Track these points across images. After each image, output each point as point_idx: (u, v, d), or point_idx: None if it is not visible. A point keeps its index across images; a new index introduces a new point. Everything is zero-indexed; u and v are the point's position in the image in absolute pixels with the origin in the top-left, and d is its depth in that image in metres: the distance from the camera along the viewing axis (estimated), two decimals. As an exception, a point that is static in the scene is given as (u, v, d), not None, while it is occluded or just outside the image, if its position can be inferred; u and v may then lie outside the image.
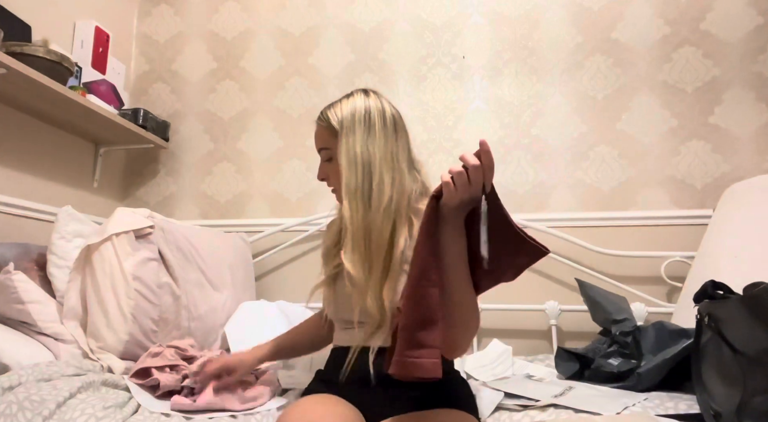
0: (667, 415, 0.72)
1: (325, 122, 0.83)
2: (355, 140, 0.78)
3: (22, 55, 1.21)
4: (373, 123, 0.80)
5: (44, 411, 0.76)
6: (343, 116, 0.81)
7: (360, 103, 0.81)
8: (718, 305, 0.67)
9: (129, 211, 1.22)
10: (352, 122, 0.80)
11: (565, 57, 1.64)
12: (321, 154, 0.85)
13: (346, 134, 0.80)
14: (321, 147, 0.85)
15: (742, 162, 1.48)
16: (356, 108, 0.81)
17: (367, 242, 0.74)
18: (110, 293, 1.09)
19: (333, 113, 0.83)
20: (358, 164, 0.77)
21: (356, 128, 0.79)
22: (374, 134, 0.79)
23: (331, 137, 0.82)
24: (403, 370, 0.57)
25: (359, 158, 0.77)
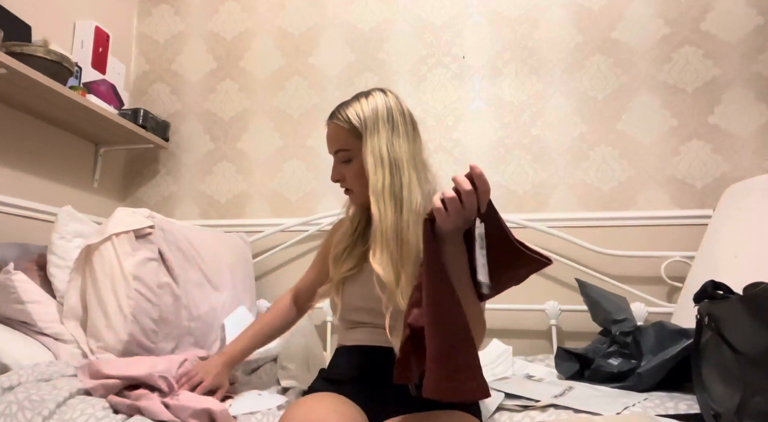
0: (667, 415, 0.72)
1: (345, 122, 0.80)
2: (381, 139, 0.76)
3: (22, 55, 1.21)
4: (397, 122, 0.78)
5: (44, 411, 0.76)
6: (365, 116, 0.78)
7: (381, 102, 0.79)
8: (718, 306, 0.67)
9: (129, 211, 1.22)
10: (375, 121, 0.78)
11: (565, 57, 1.64)
12: (338, 155, 0.82)
13: (370, 133, 0.77)
14: (339, 148, 0.81)
15: (742, 162, 1.48)
16: (378, 107, 0.79)
17: (398, 244, 0.71)
18: (110, 293, 1.09)
19: (353, 112, 0.79)
20: (385, 163, 0.75)
21: (381, 128, 0.77)
22: (398, 134, 0.77)
23: (351, 138, 0.79)
24: (450, 395, 0.54)
25: (387, 158, 0.75)
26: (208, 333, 1.26)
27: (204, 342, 1.25)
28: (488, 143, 1.65)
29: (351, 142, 0.79)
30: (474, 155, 1.66)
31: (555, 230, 1.53)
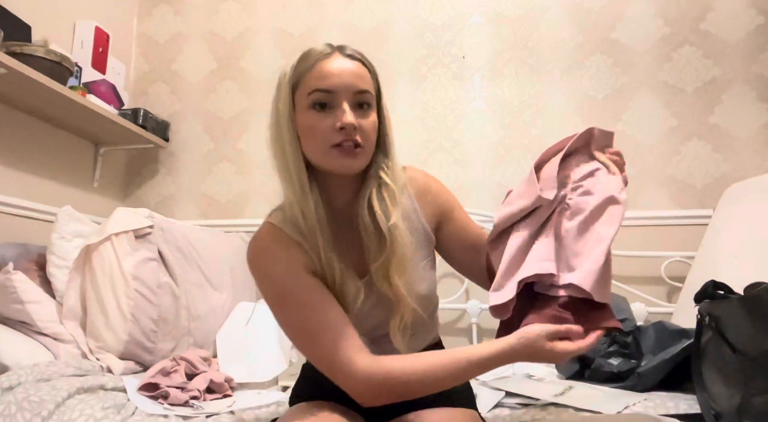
0: (667, 415, 0.72)
1: (368, 63, 0.66)
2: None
3: (22, 55, 1.21)
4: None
5: (43, 412, 0.75)
6: (372, 65, 0.67)
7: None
8: (718, 306, 0.67)
9: (128, 211, 1.22)
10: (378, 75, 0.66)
11: (565, 57, 1.63)
12: (357, 97, 0.62)
13: (380, 86, 0.66)
14: (364, 89, 0.63)
15: (742, 162, 1.48)
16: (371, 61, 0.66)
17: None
18: (110, 293, 1.09)
19: (363, 56, 0.66)
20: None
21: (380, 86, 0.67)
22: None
23: (373, 84, 0.66)
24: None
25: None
26: (208, 333, 1.26)
27: (204, 342, 1.25)
28: (488, 143, 1.65)
29: (373, 88, 0.65)
30: (474, 154, 1.66)
31: (555, 230, 1.53)
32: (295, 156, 0.62)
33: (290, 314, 0.61)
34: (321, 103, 0.61)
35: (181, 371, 0.99)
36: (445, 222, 0.71)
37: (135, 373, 1.07)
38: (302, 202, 0.62)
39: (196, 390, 0.94)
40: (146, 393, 0.93)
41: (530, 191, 0.61)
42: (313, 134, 0.61)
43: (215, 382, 1.00)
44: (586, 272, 0.55)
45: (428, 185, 0.71)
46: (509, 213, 0.62)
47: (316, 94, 0.61)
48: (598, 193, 0.58)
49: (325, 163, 0.62)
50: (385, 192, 0.64)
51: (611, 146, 0.64)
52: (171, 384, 0.94)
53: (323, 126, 0.61)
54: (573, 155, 0.63)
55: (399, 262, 0.61)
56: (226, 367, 1.11)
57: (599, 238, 0.57)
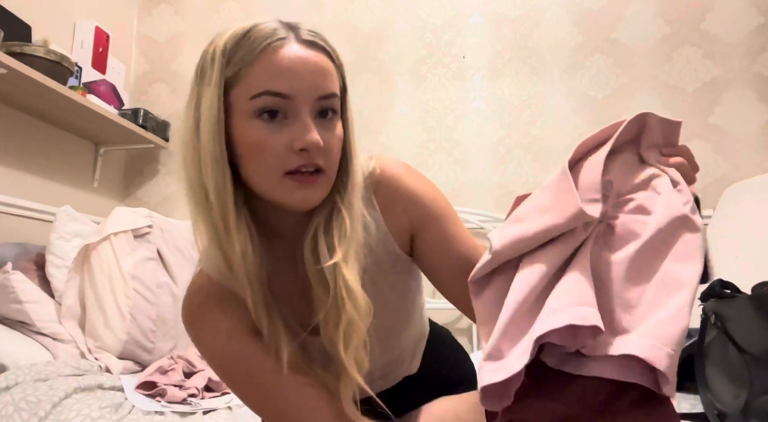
0: (669, 415, 0.72)
1: (333, 54, 0.48)
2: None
3: (22, 55, 1.21)
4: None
5: (40, 412, 0.75)
6: (335, 50, 0.49)
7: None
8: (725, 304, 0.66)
9: (127, 210, 1.22)
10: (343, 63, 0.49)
11: (565, 57, 1.63)
12: (321, 102, 0.46)
13: (345, 77, 0.49)
14: (329, 92, 0.46)
15: (742, 162, 1.47)
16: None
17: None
18: (108, 292, 1.08)
19: (325, 39, 0.49)
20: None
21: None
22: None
23: (338, 77, 0.49)
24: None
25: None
26: (208, 333, 1.26)
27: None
28: (488, 143, 1.65)
29: (339, 87, 0.49)
30: (474, 155, 1.66)
31: (555, 230, 1.52)
32: (220, 183, 0.44)
33: (246, 394, 0.50)
34: (271, 111, 0.44)
35: (179, 369, 0.99)
36: (419, 236, 0.52)
37: (134, 373, 1.06)
38: (226, 245, 0.45)
39: (194, 388, 0.94)
40: (144, 392, 0.92)
41: (563, 203, 0.38)
42: (259, 154, 0.44)
43: (213, 380, 0.99)
44: (655, 337, 0.33)
45: (398, 190, 0.52)
46: (519, 236, 0.39)
47: (264, 99, 0.44)
48: (660, 211, 0.37)
49: (275, 194, 0.46)
50: (335, 224, 0.47)
51: (675, 142, 0.42)
52: (168, 382, 0.93)
53: (275, 144, 0.44)
54: (617, 153, 0.42)
55: (348, 322, 0.45)
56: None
57: (675, 281, 0.35)
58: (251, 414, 0.82)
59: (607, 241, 0.38)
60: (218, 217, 0.45)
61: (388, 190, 0.52)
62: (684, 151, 0.42)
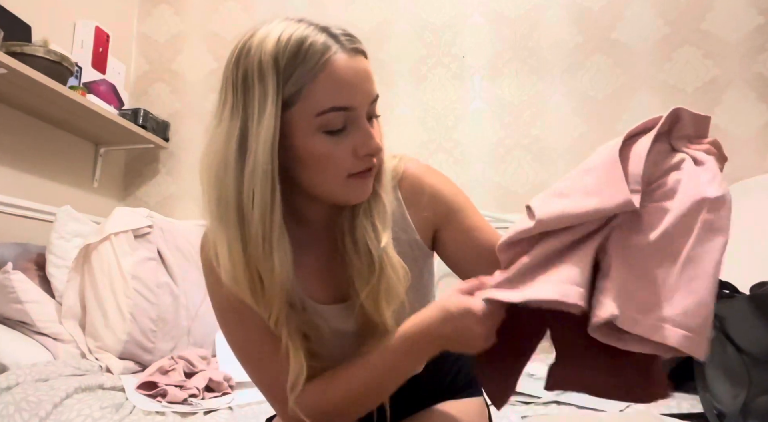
0: (669, 414, 0.72)
1: (366, 52, 0.50)
2: None
3: (22, 55, 1.21)
4: None
5: (41, 412, 0.75)
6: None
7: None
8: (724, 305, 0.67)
9: (128, 210, 1.22)
10: None
11: (565, 57, 1.64)
12: (372, 107, 0.49)
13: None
14: (376, 95, 0.50)
15: (742, 162, 1.47)
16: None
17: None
18: (109, 292, 1.08)
19: (361, 42, 0.51)
20: None
21: None
22: None
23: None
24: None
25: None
26: (207, 333, 1.26)
27: (203, 342, 1.25)
28: (488, 143, 1.65)
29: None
30: (474, 155, 1.66)
31: (555, 230, 1.53)
32: (267, 201, 0.44)
33: (232, 333, 0.53)
34: (338, 127, 0.46)
35: (180, 369, 0.99)
36: (444, 228, 0.56)
37: (134, 373, 1.06)
38: (261, 264, 0.45)
39: (194, 388, 0.94)
40: (144, 392, 0.92)
41: (613, 189, 0.40)
42: (325, 164, 0.46)
43: (214, 380, 0.99)
44: (684, 325, 0.37)
45: (422, 185, 0.55)
46: (564, 211, 0.41)
47: (332, 115, 0.45)
48: (682, 196, 0.40)
49: (336, 194, 0.48)
50: (376, 210, 0.51)
51: (706, 134, 0.45)
52: (169, 383, 0.94)
53: (340, 154, 0.46)
54: (653, 144, 0.44)
55: (388, 289, 0.50)
56: (225, 366, 1.11)
57: (697, 264, 0.39)
58: (252, 415, 0.82)
59: (633, 227, 0.41)
60: (258, 235, 0.45)
61: (411, 185, 0.56)
62: (713, 141, 0.45)
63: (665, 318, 0.38)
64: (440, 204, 0.55)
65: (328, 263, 0.53)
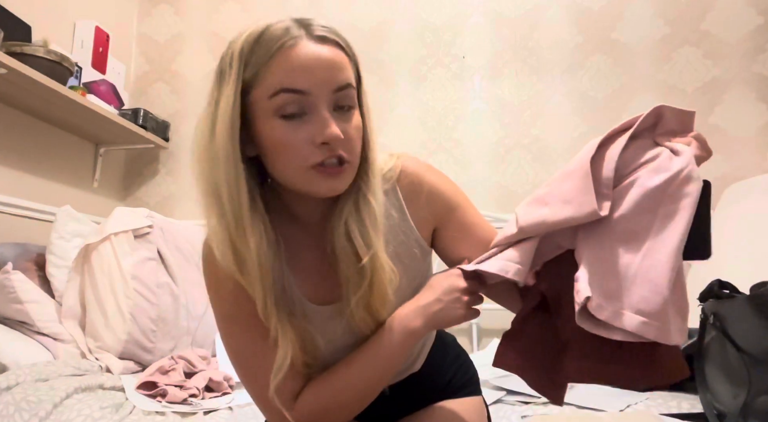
0: (669, 414, 0.72)
1: (347, 47, 0.50)
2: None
3: (22, 55, 1.21)
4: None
5: (41, 412, 0.75)
6: (347, 42, 0.50)
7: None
8: (724, 305, 0.67)
9: (128, 210, 1.22)
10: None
11: (565, 57, 1.64)
12: (337, 95, 0.48)
13: (360, 69, 0.51)
14: (345, 83, 0.48)
15: (742, 162, 1.47)
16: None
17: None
18: (109, 292, 1.08)
19: (337, 33, 0.50)
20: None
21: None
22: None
23: (353, 69, 0.50)
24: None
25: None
26: (207, 333, 1.26)
27: (203, 342, 1.25)
28: (488, 143, 1.65)
29: (354, 78, 0.50)
30: (474, 155, 1.66)
31: (555, 230, 1.52)
32: (232, 182, 0.46)
33: (230, 338, 0.54)
34: (292, 111, 0.46)
35: (180, 369, 0.99)
36: (442, 226, 0.56)
37: (134, 373, 1.06)
38: (239, 244, 0.47)
39: (194, 388, 0.94)
40: (144, 392, 0.92)
41: (582, 199, 0.43)
42: (283, 150, 0.47)
43: (214, 381, 0.99)
44: (642, 311, 0.39)
45: (421, 183, 0.56)
46: (542, 220, 0.45)
47: (283, 97, 0.46)
48: (652, 181, 0.42)
49: (302, 186, 0.48)
50: (365, 212, 0.50)
51: (690, 129, 0.46)
52: (169, 383, 0.94)
53: (297, 141, 0.46)
54: (634, 140, 0.45)
55: (380, 294, 0.50)
56: (225, 366, 1.11)
57: (659, 251, 0.40)
58: (252, 415, 0.82)
59: (603, 219, 0.43)
60: (231, 216, 0.47)
61: (411, 183, 0.56)
62: (697, 136, 0.46)
63: (624, 304, 0.40)
64: (439, 202, 0.56)
65: (322, 263, 0.54)
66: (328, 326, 0.54)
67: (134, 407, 0.84)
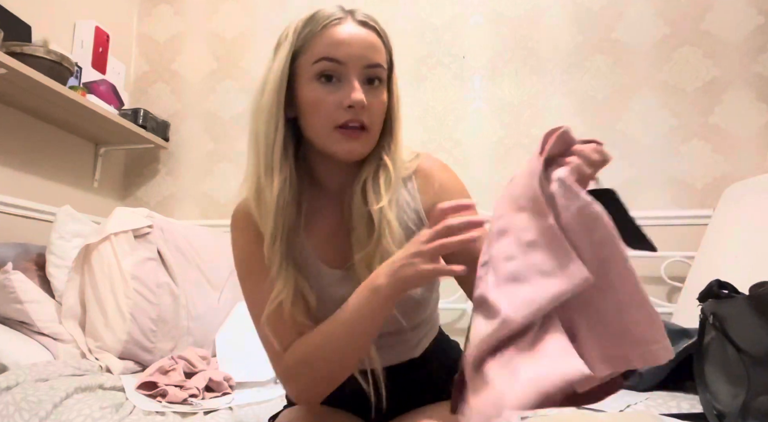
0: (669, 414, 0.72)
1: (383, 35, 0.59)
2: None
3: (22, 55, 1.21)
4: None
5: (41, 412, 0.75)
6: (386, 33, 0.60)
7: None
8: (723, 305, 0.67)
9: (128, 210, 1.22)
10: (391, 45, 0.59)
11: (565, 57, 1.64)
12: (367, 71, 0.56)
13: (393, 57, 0.60)
14: (375, 62, 0.56)
15: (742, 162, 1.47)
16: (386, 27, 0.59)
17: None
18: (109, 292, 1.08)
19: (377, 22, 0.60)
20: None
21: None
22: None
23: (386, 57, 0.59)
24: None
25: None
26: (207, 333, 1.26)
27: (203, 342, 1.25)
28: (488, 143, 1.65)
29: (385, 61, 0.59)
30: (474, 154, 1.66)
31: (555, 230, 1.53)
32: (271, 129, 0.55)
33: (245, 287, 0.61)
34: (327, 75, 0.55)
35: (180, 369, 0.99)
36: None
37: (134, 373, 1.06)
38: (263, 181, 0.55)
39: (194, 389, 0.94)
40: (144, 392, 0.92)
41: (569, 266, 0.42)
42: (316, 109, 0.55)
43: (214, 381, 1.00)
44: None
45: (433, 177, 0.62)
46: (535, 306, 0.42)
47: (323, 64, 0.55)
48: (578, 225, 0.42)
49: (327, 145, 0.56)
50: (382, 175, 0.57)
51: (573, 142, 0.48)
52: (169, 383, 0.94)
53: (328, 102, 0.55)
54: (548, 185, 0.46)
55: (384, 252, 0.54)
56: (225, 366, 1.11)
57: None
58: (252, 415, 0.82)
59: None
60: (263, 159, 0.56)
61: (425, 176, 0.63)
62: (579, 150, 0.47)
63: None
64: (445, 197, 0.60)
65: (339, 229, 0.59)
66: (338, 289, 0.57)
67: (134, 407, 0.84)
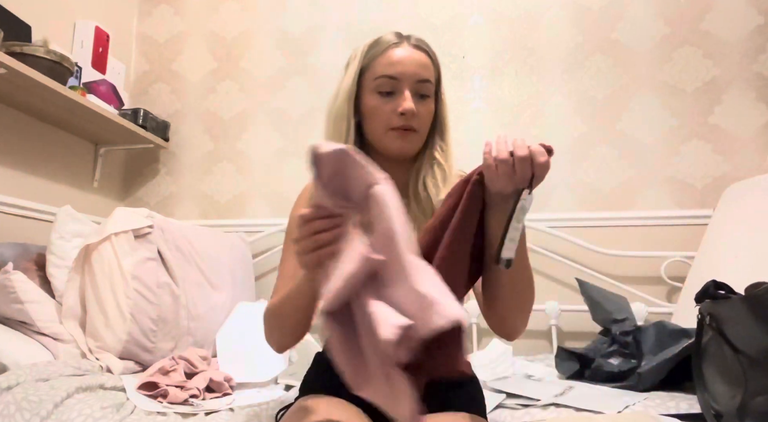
0: (668, 414, 0.72)
1: (432, 54, 0.74)
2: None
3: (22, 55, 1.21)
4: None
5: (42, 412, 0.75)
6: (435, 53, 0.74)
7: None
8: (719, 305, 0.67)
9: (128, 210, 1.22)
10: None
11: (565, 57, 1.63)
12: (417, 86, 0.70)
13: (440, 74, 0.75)
14: (425, 78, 0.71)
15: (742, 162, 1.47)
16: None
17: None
18: (109, 292, 1.08)
19: (428, 45, 0.74)
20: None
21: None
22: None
23: (434, 74, 0.73)
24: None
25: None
26: (208, 333, 1.26)
27: (203, 342, 1.25)
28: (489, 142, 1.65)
29: (434, 78, 0.73)
30: (474, 155, 1.66)
31: (555, 230, 1.53)
32: (342, 129, 0.70)
33: (282, 256, 0.73)
34: (386, 90, 0.70)
35: (180, 370, 0.99)
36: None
37: (134, 373, 1.06)
38: None
39: (195, 389, 0.94)
40: (145, 392, 0.92)
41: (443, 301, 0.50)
42: (375, 115, 0.70)
43: (215, 381, 1.00)
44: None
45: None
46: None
47: (382, 80, 0.69)
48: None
49: (383, 144, 0.70)
50: (439, 172, 0.72)
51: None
52: (170, 383, 0.94)
53: (385, 109, 0.69)
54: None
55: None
56: (225, 367, 1.11)
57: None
58: (253, 415, 0.82)
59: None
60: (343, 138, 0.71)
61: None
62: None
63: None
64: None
65: None
66: None
67: (135, 407, 0.84)
